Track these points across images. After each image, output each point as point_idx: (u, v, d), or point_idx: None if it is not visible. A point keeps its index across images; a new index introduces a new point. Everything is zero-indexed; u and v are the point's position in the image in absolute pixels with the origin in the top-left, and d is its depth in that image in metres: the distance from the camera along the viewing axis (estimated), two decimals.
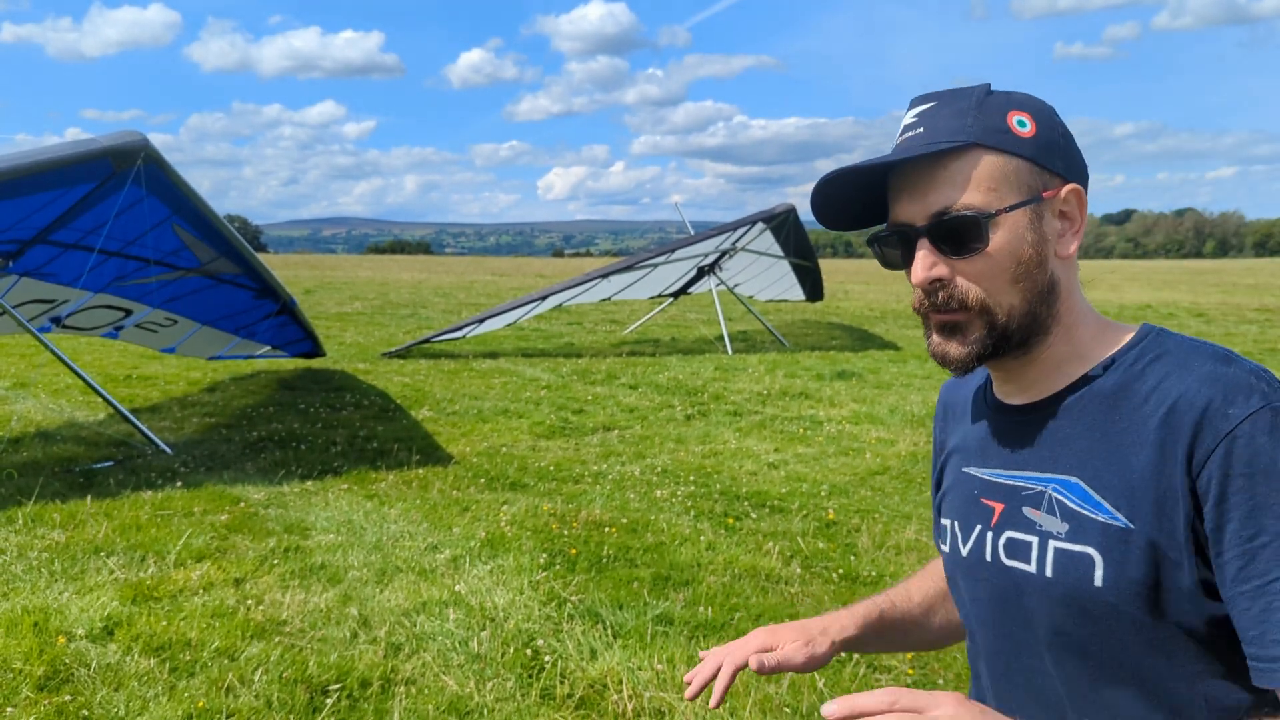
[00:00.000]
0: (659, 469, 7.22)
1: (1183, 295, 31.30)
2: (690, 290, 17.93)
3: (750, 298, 19.17)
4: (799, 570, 5.03)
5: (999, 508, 1.18)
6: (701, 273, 16.59)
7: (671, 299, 18.29)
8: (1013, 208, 1.11)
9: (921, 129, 1.13)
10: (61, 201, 6.85)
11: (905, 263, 1.17)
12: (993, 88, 1.14)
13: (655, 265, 15.15)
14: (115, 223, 7.04)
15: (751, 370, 12.54)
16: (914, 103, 1.16)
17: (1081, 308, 1.17)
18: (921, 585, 1.52)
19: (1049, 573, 1.11)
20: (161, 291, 8.62)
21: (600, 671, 3.80)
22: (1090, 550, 1.07)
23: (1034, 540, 1.13)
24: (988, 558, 1.20)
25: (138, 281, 8.37)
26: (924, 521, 5.90)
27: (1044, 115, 1.13)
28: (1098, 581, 1.06)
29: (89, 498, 6.05)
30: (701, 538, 5.50)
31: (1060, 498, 1.11)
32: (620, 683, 3.71)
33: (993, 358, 1.16)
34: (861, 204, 1.21)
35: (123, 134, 6.51)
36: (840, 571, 5.02)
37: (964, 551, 1.24)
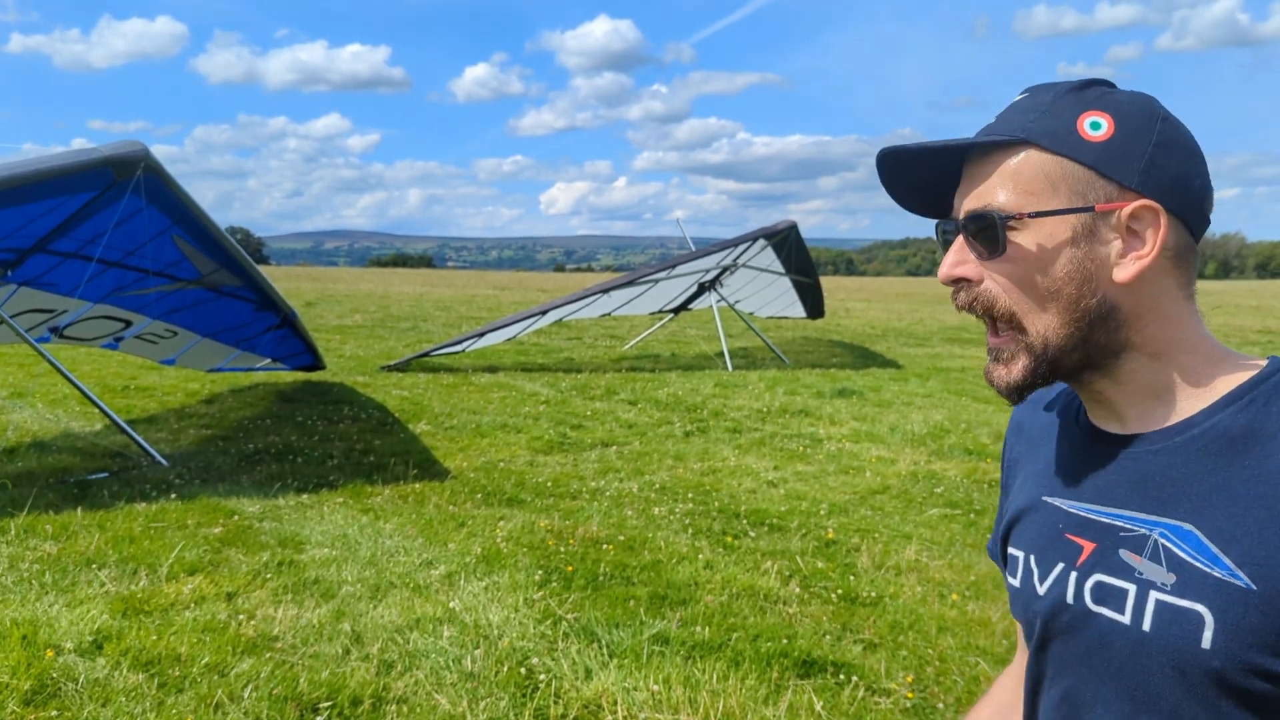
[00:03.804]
0: (657, 486, 7.17)
1: None
2: (691, 306, 17.91)
3: (751, 314, 19.15)
4: (797, 590, 4.97)
5: (1089, 546, 1.07)
6: (702, 289, 16.58)
7: (672, 315, 18.27)
8: (1045, 213, 1.01)
9: (996, 119, 1.06)
10: (61, 210, 6.83)
11: None
12: (1106, 82, 1.05)
13: (656, 281, 15.14)
14: (115, 233, 7.03)
15: (751, 387, 12.50)
16: (1022, 91, 1.10)
17: (1186, 336, 1.04)
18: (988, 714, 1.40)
19: (1146, 626, 1.00)
20: (162, 303, 8.60)
21: (595, 692, 3.75)
22: (1200, 608, 0.95)
23: (1131, 588, 1.01)
24: (1069, 599, 1.08)
25: (137, 292, 8.35)
26: (924, 541, 5.85)
27: (1132, 119, 1.01)
28: (1205, 644, 0.95)
29: (82, 509, 6.01)
30: (699, 556, 5.45)
31: (1169, 545, 0.99)
32: (615, 703, 3.66)
33: (1029, 390, 1.07)
34: (932, 186, 1.12)
35: (123, 143, 6.49)
36: (839, 592, 4.97)
37: (1040, 590, 1.12)
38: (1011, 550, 1.20)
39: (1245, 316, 32.11)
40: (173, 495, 6.47)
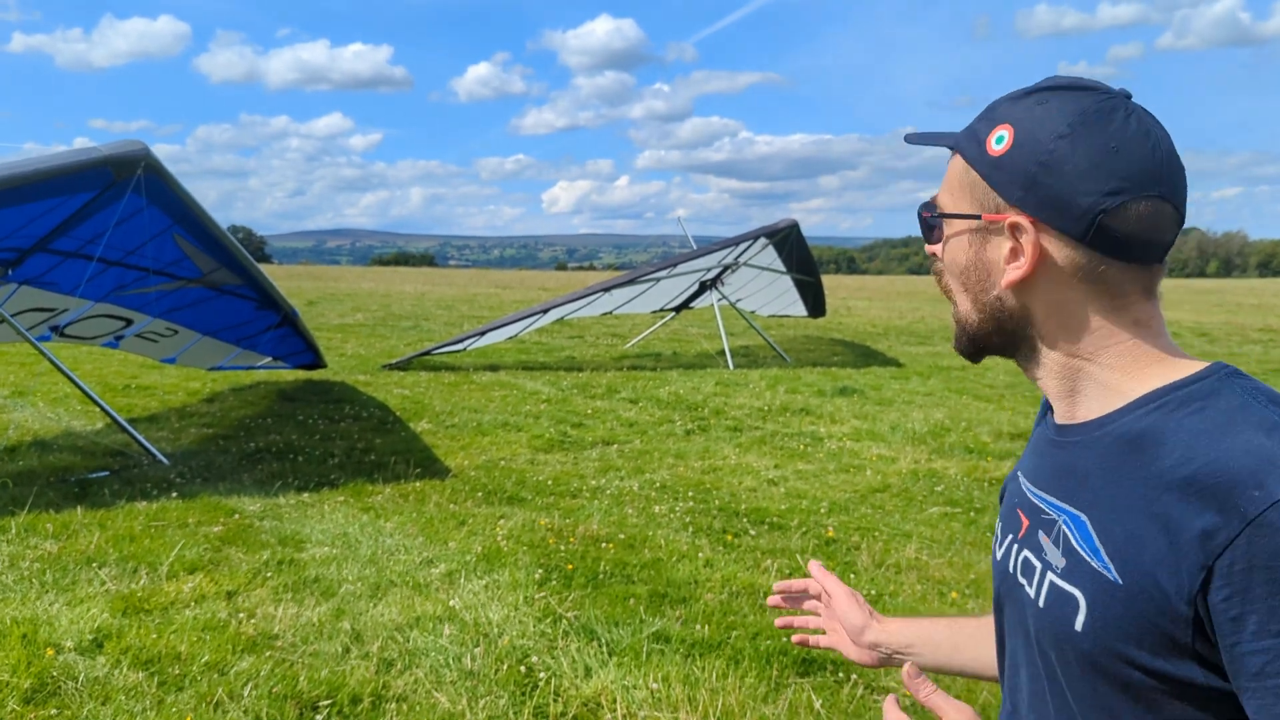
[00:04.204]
0: (658, 484, 7.17)
1: (1186, 315, 31.25)
2: (692, 305, 17.91)
3: (752, 313, 19.14)
4: None
5: (1025, 523, 1.17)
6: (704, 287, 16.57)
7: (673, 313, 18.27)
8: (952, 215, 1.14)
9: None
10: (62, 210, 6.84)
11: None
12: (1077, 85, 1.09)
13: (658, 279, 15.14)
14: (115, 232, 7.03)
15: (752, 386, 12.50)
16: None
17: (1106, 343, 1.09)
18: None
19: (1041, 603, 1.09)
20: (162, 301, 8.60)
21: (594, 690, 3.75)
22: (1077, 593, 1.04)
23: (1038, 567, 1.11)
24: (1009, 569, 1.19)
25: (138, 291, 8.36)
26: (924, 540, 5.85)
27: (1028, 137, 1.07)
28: (1078, 626, 1.03)
29: (83, 508, 6.01)
30: (699, 554, 5.45)
31: (1067, 532, 1.08)
32: (614, 702, 3.66)
33: (976, 356, 1.20)
34: None
35: (123, 143, 6.49)
36: None
37: (997, 555, 1.24)
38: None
39: (1246, 315, 32.08)
40: (173, 494, 6.47)
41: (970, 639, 1.47)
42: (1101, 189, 1.03)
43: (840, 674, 3.96)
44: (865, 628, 1.52)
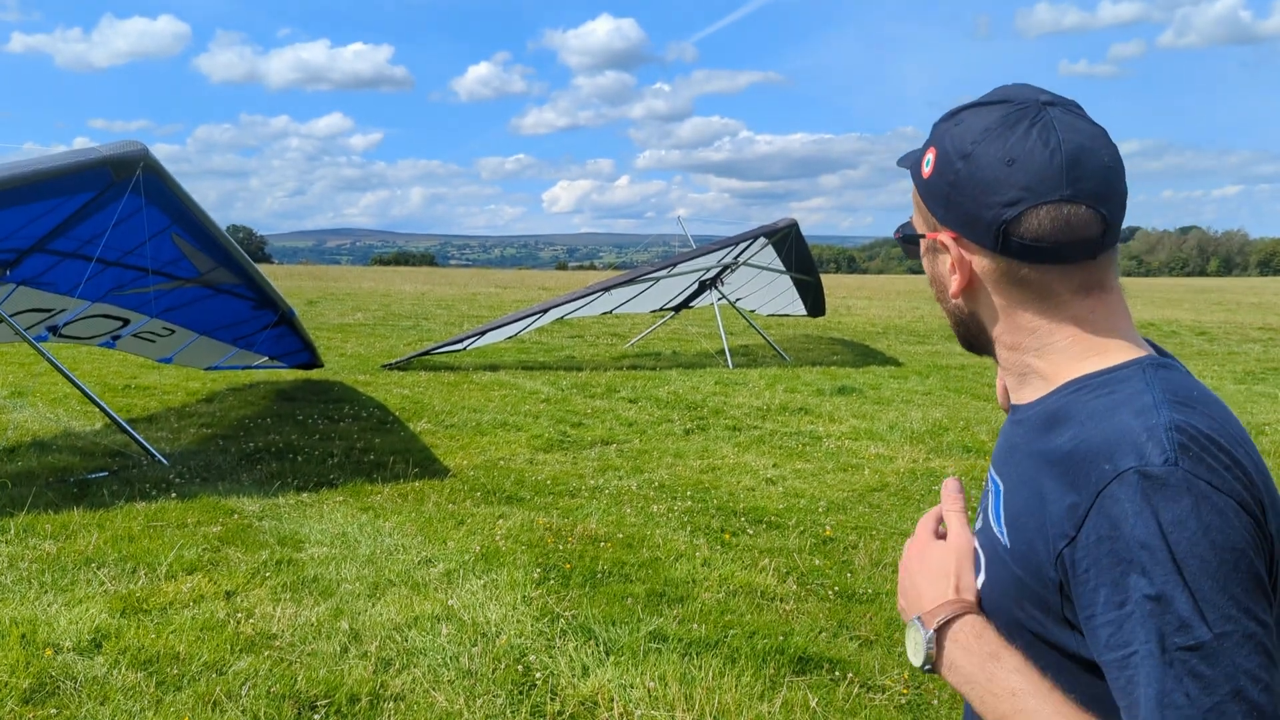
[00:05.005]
0: (656, 484, 7.18)
1: (1185, 314, 31.24)
2: (692, 304, 17.90)
3: (752, 312, 19.13)
4: (795, 587, 4.98)
5: (991, 490, 1.25)
6: (703, 287, 16.56)
7: (673, 313, 18.27)
8: (909, 236, 1.24)
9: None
10: (60, 210, 6.84)
11: None
12: (992, 100, 1.14)
13: (657, 279, 15.13)
14: (114, 232, 7.03)
15: (752, 385, 12.50)
16: None
17: (1047, 340, 1.15)
18: None
19: (979, 562, 1.20)
20: (160, 301, 8.60)
21: (592, 689, 3.76)
22: (983, 554, 1.17)
23: (980, 528, 1.23)
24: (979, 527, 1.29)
25: (136, 291, 8.36)
26: None
27: (942, 160, 1.15)
28: (979, 584, 1.17)
29: (82, 508, 6.02)
30: (697, 554, 5.46)
31: (992, 498, 1.19)
32: (611, 700, 3.67)
33: (966, 348, 1.28)
34: None
35: (122, 143, 6.50)
36: (836, 589, 4.98)
37: (978, 521, 1.33)
38: None
39: (1246, 313, 32.06)
40: (172, 494, 6.48)
41: None
42: (1000, 200, 1.09)
43: (837, 672, 3.97)
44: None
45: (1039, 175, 1.07)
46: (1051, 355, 1.16)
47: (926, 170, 1.18)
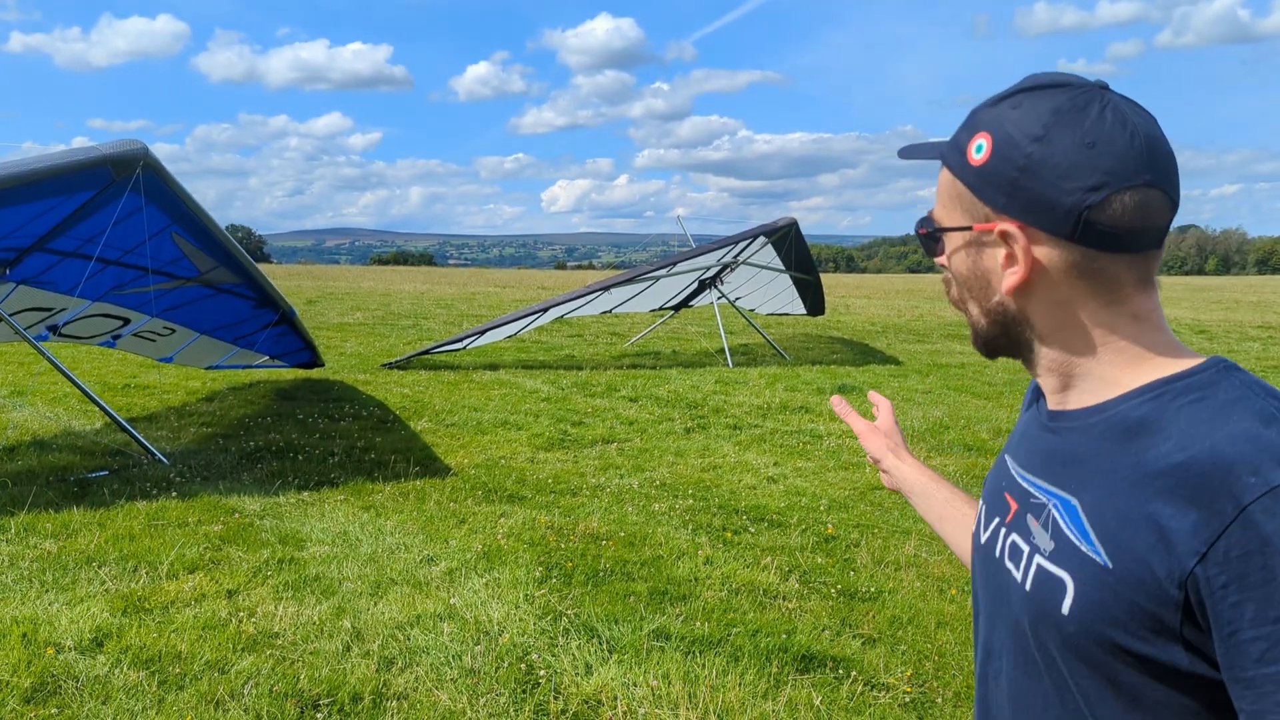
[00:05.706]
0: (658, 482, 7.17)
1: (1185, 312, 31.25)
2: (692, 303, 17.90)
3: (751, 311, 19.13)
4: (797, 585, 4.98)
5: (1014, 507, 1.18)
6: (703, 286, 16.57)
7: (673, 312, 18.26)
8: (945, 230, 1.16)
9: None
10: (60, 209, 6.83)
11: None
12: (1047, 84, 1.09)
13: (657, 278, 15.13)
14: (114, 231, 7.02)
15: (752, 384, 12.50)
16: None
17: (1103, 339, 1.11)
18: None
19: (1028, 586, 1.10)
20: (160, 300, 8.59)
21: (595, 687, 3.75)
22: (1065, 576, 1.05)
23: (1026, 550, 1.13)
24: (995, 553, 1.20)
25: (136, 290, 8.35)
26: (923, 537, 5.85)
27: (1006, 143, 1.08)
28: (1064, 609, 1.05)
29: (82, 507, 6.01)
30: (699, 552, 5.45)
31: (1057, 515, 1.09)
32: (615, 699, 3.67)
33: (991, 356, 1.21)
34: None
35: (122, 142, 6.48)
36: (838, 587, 4.97)
37: (982, 538, 1.25)
38: (981, 500, 1.34)
39: (1245, 312, 32.08)
40: (173, 493, 6.47)
41: (954, 522, 1.53)
42: (1083, 185, 1.04)
43: (840, 671, 3.97)
44: (886, 454, 1.61)
45: (1121, 159, 1.03)
46: (1111, 357, 1.10)
47: (978, 157, 1.10)
